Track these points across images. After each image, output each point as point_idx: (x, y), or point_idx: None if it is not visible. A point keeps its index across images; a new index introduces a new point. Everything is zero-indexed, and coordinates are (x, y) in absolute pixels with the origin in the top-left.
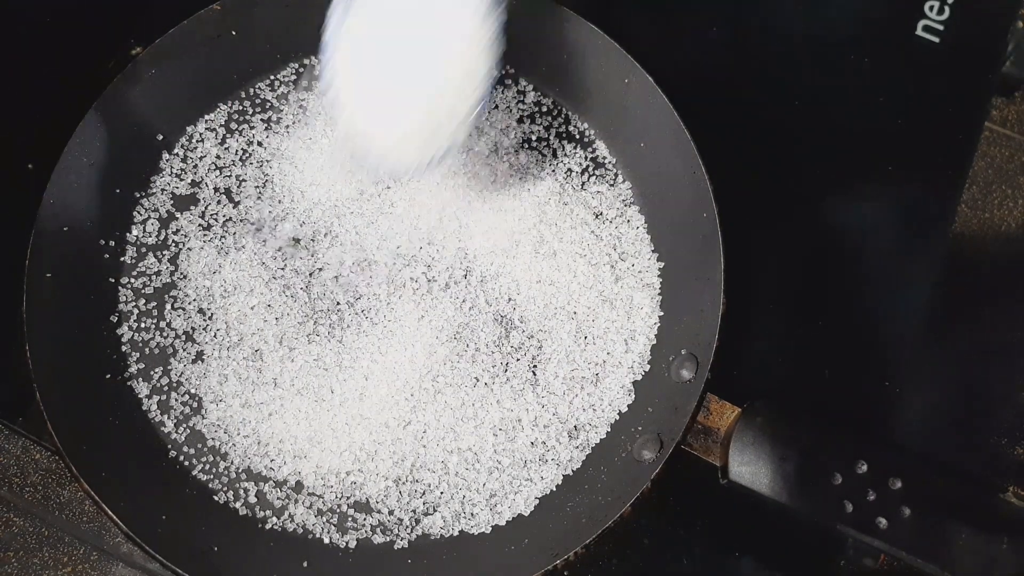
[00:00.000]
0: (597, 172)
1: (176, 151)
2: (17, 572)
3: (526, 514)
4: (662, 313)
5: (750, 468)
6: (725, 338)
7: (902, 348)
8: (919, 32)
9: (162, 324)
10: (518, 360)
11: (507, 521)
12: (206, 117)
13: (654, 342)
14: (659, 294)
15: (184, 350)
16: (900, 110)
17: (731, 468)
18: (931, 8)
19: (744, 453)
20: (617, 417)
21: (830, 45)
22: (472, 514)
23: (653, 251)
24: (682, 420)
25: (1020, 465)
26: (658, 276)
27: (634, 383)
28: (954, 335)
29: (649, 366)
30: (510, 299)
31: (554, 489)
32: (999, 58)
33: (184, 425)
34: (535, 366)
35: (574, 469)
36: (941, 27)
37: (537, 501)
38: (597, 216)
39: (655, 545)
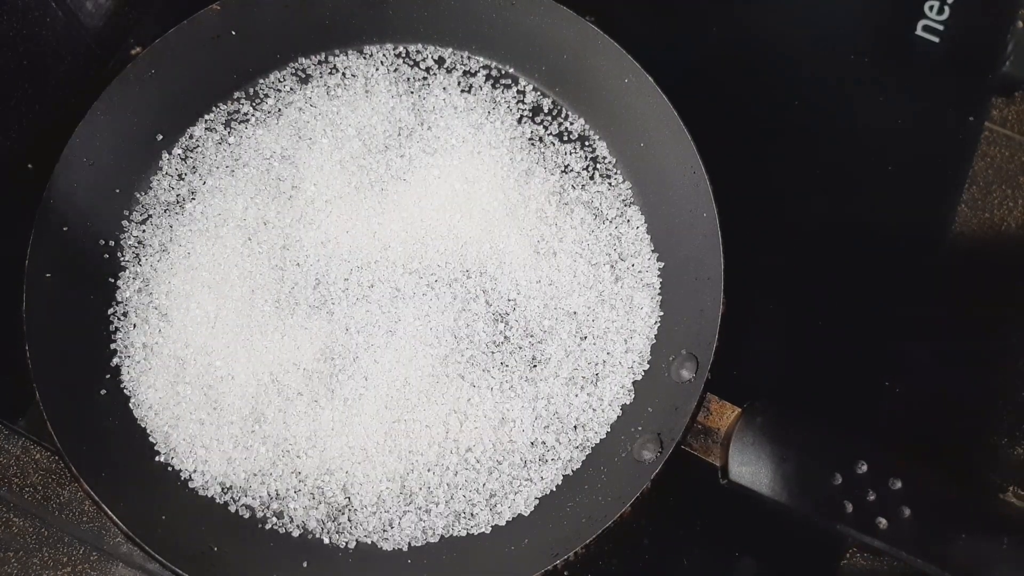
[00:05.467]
0: (597, 172)
1: (176, 151)
2: (17, 572)
3: (526, 514)
4: (662, 313)
5: (750, 468)
6: (725, 338)
7: (902, 348)
8: (919, 32)
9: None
10: (518, 360)
11: (507, 521)
12: (206, 117)
13: (654, 342)
14: (659, 294)
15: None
16: (900, 110)
17: (731, 468)
18: (931, 8)
19: (744, 453)
20: (617, 417)
21: (830, 45)
22: (472, 514)
23: (653, 251)
24: (682, 420)
25: (1020, 465)
26: (658, 276)
27: (634, 383)
28: (954, 335)
29: (649, 366)
30: (510, 299)
31: (554, 489)
32: (999, 58)
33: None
34: (535, 366)
35: (574, 469)
36: (941, 27)
37: (537, 501)
38: (597, 216)
39: (655, 545)
